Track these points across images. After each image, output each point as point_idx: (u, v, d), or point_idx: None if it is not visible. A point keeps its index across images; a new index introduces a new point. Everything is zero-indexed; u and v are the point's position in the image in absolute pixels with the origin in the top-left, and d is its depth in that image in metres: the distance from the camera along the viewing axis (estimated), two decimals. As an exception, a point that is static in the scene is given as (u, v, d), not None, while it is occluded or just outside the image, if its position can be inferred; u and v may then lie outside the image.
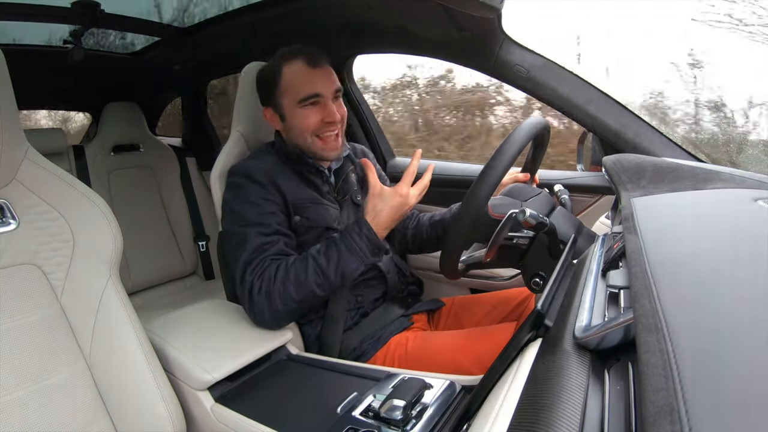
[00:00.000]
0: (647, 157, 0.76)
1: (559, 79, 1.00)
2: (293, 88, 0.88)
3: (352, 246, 0.79)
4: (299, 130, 0.89)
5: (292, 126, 0.90)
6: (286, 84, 0.88)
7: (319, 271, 0.78)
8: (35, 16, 1.19)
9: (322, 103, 0.88)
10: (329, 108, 0.88)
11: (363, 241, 0.79)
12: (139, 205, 1.81)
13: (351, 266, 0.79)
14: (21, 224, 0.67)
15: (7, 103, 0.63)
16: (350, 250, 0.79)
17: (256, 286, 0.79)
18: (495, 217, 0.76)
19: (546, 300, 0.50)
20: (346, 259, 0.79)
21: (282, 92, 0.89)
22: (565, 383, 0.33)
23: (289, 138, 0.93)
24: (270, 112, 0.93)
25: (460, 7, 0.84)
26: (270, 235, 0.83)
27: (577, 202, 1.11)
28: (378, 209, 0.81)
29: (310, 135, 0.89)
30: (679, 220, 0.50)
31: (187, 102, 2.03)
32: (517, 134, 0.73)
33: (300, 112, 0.88)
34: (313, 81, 0.87)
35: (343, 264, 0.79)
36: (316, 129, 0.89)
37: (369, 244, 0.80)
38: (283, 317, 0.81)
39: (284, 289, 0.78)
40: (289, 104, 0.89)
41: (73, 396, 0.67)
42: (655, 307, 0.30)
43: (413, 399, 0.59)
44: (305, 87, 0.87)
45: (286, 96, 0.89)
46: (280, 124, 0.92)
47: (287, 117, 0.90)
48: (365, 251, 0.79)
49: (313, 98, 0.87)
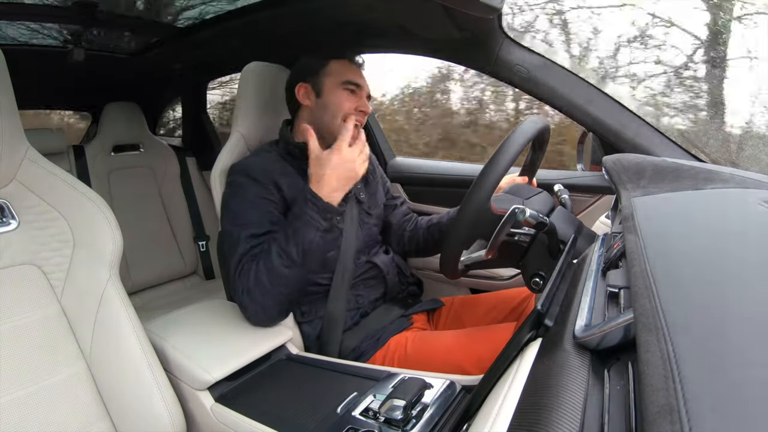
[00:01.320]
0: (647, 157, 0.76)
1: (559, 79, 0.99)
2: (339, 72, 0.94)
3: (303, 217, 0.79)
4: (334, 108, 0.93)
5: (328, 103, 0.94)
6: (332, 69, 0.95)
7: (281, 252, 0.78)
8: (35, 16, 1.19)
9: (359, 94, 0.95)
10: (364, 100, 0.96)
11: (311, 208, 0.79)
12: (139, 205, 1.81)
13: (308, 236, 0.79)
14: (21, 224, 0.67)
15: (7, 103, 0.63)
16: (303, 222, 0.79)
17: (240, 287, 0.80)
18: (497, 213, 0.76)
19: (546, 300, 0.50)
20: (302, 231, 0.79)
21: (327, 73, 0.94)
22: (565, 383, 0.33)
23: (317, 115, 0.95)
24: (306, 88, 0.96)
25: (460, 7, 0.84)
26: (262, 236, 0.83)
27: (577, 202, 1.11)
28: (319, 174, 0.81)
29: (341, 117, 0.93)
30: (679, 220, 0.50)
31: (187, 102, 2.03)
32: (517, 134, 0.73)
33: (340, 93, 0.93)
34: (358, 74, 0.96)
35: (300, 237, 0.78)
36: (348, 113, 0.93)
37: (317, 209, 0.79)
38: (272, 310, 0.82)
39: (258, 280, 0.78)
40: (331, 83, 0.94)
41: (73, 396, 0.67)
42: (655, 307, 0.30)
43: (413, 399, 0.59)
44: (351, 74, 0.95)
45: (330, 76, 0.94)
46: (313, 99, 0.95)
47: (325, 94, 0.94)
48: (315, 217, 0.79)
49: (355, 86, 0.94)
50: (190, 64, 1.68)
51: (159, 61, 1.65)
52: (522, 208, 0.70)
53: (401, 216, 1.13)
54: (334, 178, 0.81)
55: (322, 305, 0.92)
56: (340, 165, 0.81)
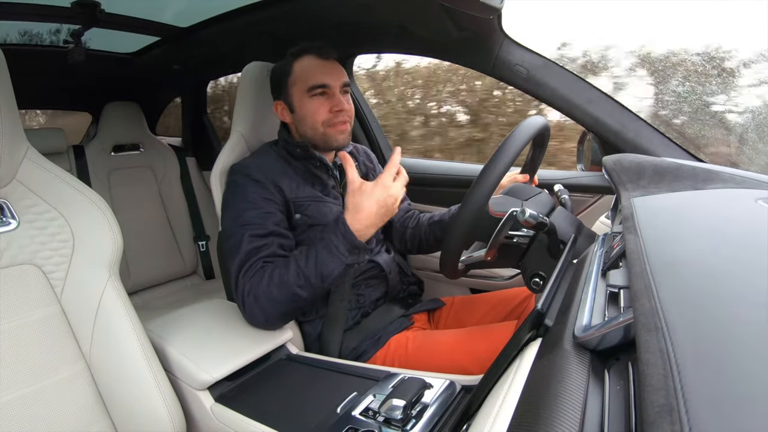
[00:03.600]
0: (647, 157, 0.76)
1: (559, 79, 0.99)
2: (303, 78, 0.90)
3: (330, 246, 0.75)
4: (310, 120, 0.91)
5: (303, 116, 0.91)
6: (296, 75, 0.91)
7: (300, 273, 0.76)
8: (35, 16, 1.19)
9: (330, 93, 0.90)
10: (337, 97, 0.90)
11: (340, 240, 0.75)
12: (139, 205, 1.81)
13: (329, 267, 0.75)
14: (21, 224, 0.67)
15: (7, 103, 0.63)
16: (328, 250, 0.75)
17: (246, 289, 0.78)
18: (495, 216, 0.76)
19: (546, 300, 0.50)
20: (325, 259, 0.75)
21: (292, 83, 0.91)
22: (565, 383, 0.33)
23: (300, 130, 0.93)
24: (280, 105, 0.95)
25: (460, 7, 0.84)
26: (265, 236, 0.82)
27: (577, 202, 1.11)
28: (359, 206, 0.75)
29: (321, 125, 0.90)
30: (679, 220, 0.50)
31: (187, 102, 2.03)
32: (517, 133, 0.73)
33: (309, 102, 0.90)
34: (322, 72, 0.90)
35: (321, 265, 0.75)
36: (326, 119, 0.90)
37: (347, 243, 0.75)
38: (275, 319, 0.81)
39: (269, 291, 0.76)
40: (298, 94, 0.91)
41: (73, 396, 0.67)
42: (655, 307, 0.30)
43: (413, 399, 0.59)
44: (314, 77, 0.89)
45: (296, 86, 0.91)
46: (290, 116, 0.94)
47: (297, 107, 0.91)
48: (343, 252, 0.75)
49: (322, 88, 0.89)
50: (190, 64, 1.68)
51: (159, 61, 1.65)
52: (521, 210, 0.70)
53: (402, 213, 1.13)
54: (374, 212, 0.75)
55: (323, 305, 0.92)
56: (382, 199, 0.75)
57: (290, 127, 0.97)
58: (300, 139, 0.94)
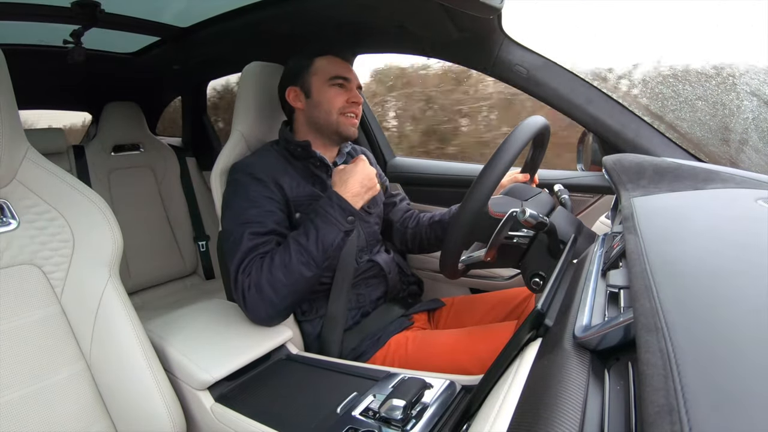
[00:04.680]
0: (647, 157, 0.76)
1: (559, 79, 0.99)
2: (325, 69, 0.95)
3: (326, 217, 0.81)
4: (327, 105, 0.95)
5: (320, 101, 0.95)
6: (317, 67, 0.96)
7: (302, 250, 0.79)
8: (35, 16, 1.19)
9: (348, 87, 0.96)
10: (355, 92, 0.96)
11: (335, 209, 0.82)
12: (139, 205, 1.81)
13: (330, 237, 0.81)
14: (21, 224, 0.67)
15: (7, 103, 0.63)
16: (325, 221, 0.81)
17: (246, 283, 0.79)
18: (495, 216, 0.76)
19: (546, 300, 0.50)
20: (324, 230, 0.81)
21: (313, 72, 0.96)
22: (565, 383, 0.33)
23: (312, 115, 0.96)
24: (294, 91, 0.97)
25: (460, 7, 0.84)
26: (265, 235, 0.83)
27: (577, 202, 1.11)
28: (344, 180, 0.85)
29: (336, 113, 0.95)
30: (679, 220, 0.50)
31: (187, 102, 2.03)
32: (517, 133, 0.73)
33: (328, 90, 0.95)
34: (344, 67, 0.97)
35: (322, 236, 0.80)
36: (342, 107, 0.95)
37: (341, 211, 0.82)
38: (278, 309, 0.81)
39: (272, 276, 0.78)
40: (318, 82, 0.95)
41: (73, 396, 0.67)
42: (655, 307, 0.30)
43: (413, 399, 0.59)
44: (337, 69, 0.95)
45: (316, 75, 0.95)
46: (304, 101, 0.96)
47: (315, 93, 0.95)
48: (339, 219, 0.82)
49: (343, 79, 0.95)
50: (190, 64, 1.68)
51: (159, 61, 1.65)
52: (521, 210, 0.70)
53: (402, 213, 1.13)
54: (357, 183, 0.85)
55: (323, 304, 0.92)
56: (362, 173, 0.86)
57: (294, 122, 0.99)
58: (306, 130, 0.97)
